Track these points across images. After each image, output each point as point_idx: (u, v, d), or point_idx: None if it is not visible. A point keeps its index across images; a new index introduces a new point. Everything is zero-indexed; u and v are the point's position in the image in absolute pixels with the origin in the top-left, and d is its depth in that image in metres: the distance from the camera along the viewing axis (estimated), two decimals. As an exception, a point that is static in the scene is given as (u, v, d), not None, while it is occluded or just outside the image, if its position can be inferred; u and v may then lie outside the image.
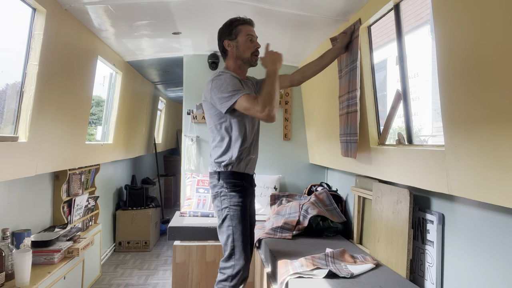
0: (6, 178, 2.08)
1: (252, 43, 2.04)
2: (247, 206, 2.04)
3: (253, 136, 2.08)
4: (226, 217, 1.97)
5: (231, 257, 1.95)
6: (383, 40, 5.38)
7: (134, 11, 2.46)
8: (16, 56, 2.14)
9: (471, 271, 1.63)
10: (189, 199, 3.46)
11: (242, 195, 2.01)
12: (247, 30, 2.03)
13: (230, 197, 1.98)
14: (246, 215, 2.02)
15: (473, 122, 1.36)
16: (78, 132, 2.91)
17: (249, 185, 2.11)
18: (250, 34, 2.04)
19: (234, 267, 1.93)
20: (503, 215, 1.47)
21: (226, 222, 1.97)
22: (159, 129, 7.17)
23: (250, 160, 2.08)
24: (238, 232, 1.95)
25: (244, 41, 2.02)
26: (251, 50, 2.04)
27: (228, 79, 1.93)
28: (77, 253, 2.60)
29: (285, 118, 3.82)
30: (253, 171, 2.15)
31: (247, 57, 2.04)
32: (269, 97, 1.84)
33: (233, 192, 1.99)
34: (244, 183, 2.04)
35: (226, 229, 1.97)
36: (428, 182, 1.73)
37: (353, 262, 2.12)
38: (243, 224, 1.98)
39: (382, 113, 2.33)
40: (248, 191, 2.07)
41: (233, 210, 1.97)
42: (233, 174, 2.01)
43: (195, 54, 3.70)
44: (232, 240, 1.95)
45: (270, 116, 1.83)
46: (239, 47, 2.03)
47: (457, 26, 1.39)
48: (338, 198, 3.13)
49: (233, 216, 1.96)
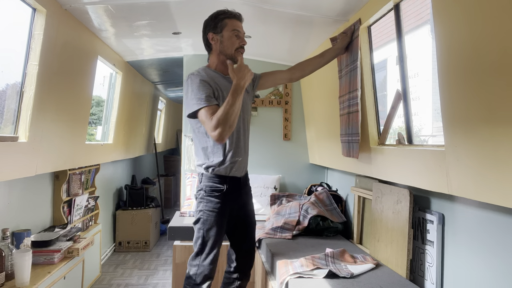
0: (6, 178, 2.08)
1: (238, 39, 1.94)
2: (224, 212, 1.97)
3: (238, 137, 1.99)
4: (199, 220, 1.96)
5: (197, 256, 1.96)
6: (383, 40, 5.39)
7: (134, 11, 2.46)
8: (16, 56, 2.14)
9: (471, 271, 1.63)
10: (189, 199, 3.46)
11: (220, 201, 1.95)
12: (233, 25, 1.93)
13: (206, 202, 1.95)
14: (221, 221, 1.96)
15: (473, 122, 1.36)
16: (78, 132, 2.91)
17: (234, 189, 2.01)
18: (237, 29, 1.94)
19: (199, 267, 1.94)
20: (503, 215, 1.47)
21: (198, 224, 1.96)
22: (159, 129, 7.18)
23: (236, 162, 1.99)
24: (207, 236, 1.93)
25: (230, 36, 1.93)
26: (235, 46, 1.93)
27: (195, 86, 1.85)
28: (77, 253, 2.60)
29: (285, 118, 3.82)
30: (242, 173, 2.06)
31: (230, 53, 1.94)
32: (225, 117, 1.73)
33: (210, 197, 1.95)
34: (226, 187, 1.96)
35: (197, 231, 1.96)
36: (428, 182, 1.73)
37: (353, 262, 2.12)
38: (215, 230, 1.94)
39: (382, 113, 2.33)
40: (229, 196, 1.98)
41: (206, 214, 1.94)
42: (214, 178, 1.96)
43: (195, 54, 3.69)
44: (200, 243, 1.94)
45: (220, 138, 1.75)
46: (223, 41, 1.93)
47: (457, 26, 1.39)
48: (338, 198, 3.13)
49: (205, 221, 1.94)
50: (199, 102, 1.81)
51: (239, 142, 2.00)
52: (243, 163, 2.05)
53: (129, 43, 3.23)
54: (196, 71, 1.96)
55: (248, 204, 2.17)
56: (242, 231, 2.15)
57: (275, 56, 3.51)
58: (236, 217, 2.09)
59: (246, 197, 2.15)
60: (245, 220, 2.15)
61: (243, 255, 2.16)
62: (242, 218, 2.13)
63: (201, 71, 1.96)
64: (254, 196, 3.48)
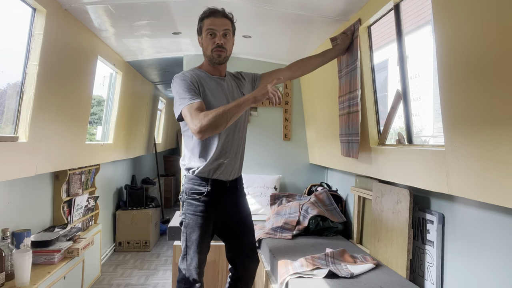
0: (6, 178, 2.08)
1: (212, 39, 1.85)
2: (207, 215, 1.90)
3: (226, 140, 1.92)
4: (182, 223, 1.94)
5: (183, 259, 1.93)
6: (384, 40, 5.38)
7: (134, 11, 2.46)
8: (16, 56, 2.14)
9: (471, 271, 1.63)
10: (189, 199, 3.46)
11: (201, 204, 1.89)
12: (208, 24, 1.85)
13: (187, 205, 1.92)
14: (204, 225, 1.90)
15: (473, 122, 1.36)
16: (78, 132, 2.91)
17: (220, 193, 1.94)
18: (210, 27, 1.84)
19: (186, 271, 1.91)
20: (503, 215, 1.47)
21: (182, 227, 1.94)
22: (159, 129, 7.18)
23: (221, 165, 1.91)
24: (190, 240, 1.89)
25: (205, 37, 1.87)
26: (210, 46, 1.86)
27: (178, 87, 1.82)
28: (77, 253, 2.60)
29: (285, 118, 3.82)
30: (230, 177, 1.97)
31: (208, 55, 1.89)
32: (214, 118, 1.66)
33: (191, 200, 1.91)
34: (208, 190, 1.90)
35: (182, 233, 1.94)
36: (428, 182, 1.73)
37: (353, 262, 2.12)
38: (197, 233, 1.89)
39: (383, 113, 2.33)
40: (211, 199, 1.91)
41: (188, 218, 1.91)
42: (195, 180, 1.91)
43: (195, 54, 3.69)
44: (185, 246, 1.92)
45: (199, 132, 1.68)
46: (203, 43, 1.90)
47: (457, 26, 1.39)
48: (338, 198, 3.13)
49: (188, 224, 1.91)
50: (182, 102, 1.77)
51: (226, 144, 1.92)
52: (231, 166, 1.96)
53: (129, 43, 3.23)
54: (181, 73, 1.91)
55: (240, 210, 2.07)
56: (235, 235, 2.07)
57: (275, 56, 3.51)
58: (228, 223, 2.03)
59: (237, 202, 2.06)
60: (238, 224, 2.06)
61: (240, 260, 2.09)
62: (234, 224, 2.05)
63: (185, 72, 1.91)
64: (254, 196, 3.49)
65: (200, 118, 1.69)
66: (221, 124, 1.70)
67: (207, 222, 1.92)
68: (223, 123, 1.70)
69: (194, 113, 1.72)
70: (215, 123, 1.68)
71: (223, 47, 1.86)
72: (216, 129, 1.70)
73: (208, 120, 1.67)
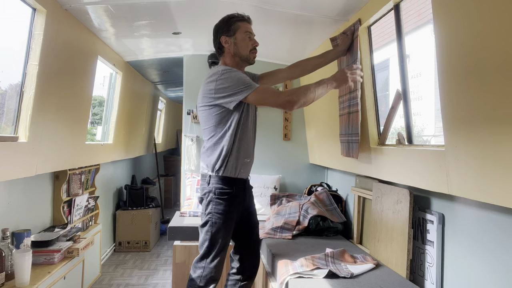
0: (6, 178, 2.08)
1: (251, 41, 2.01)
2: (232, 215, 1.98)
3: (249, 140, 2.04)
4: (207, 223, 1.95)
5: (203, 259, 1.96)
6: (385, 40, 5.37)
7: (134, 11, 2.46)
8: (15, 56, 2.14)
9: (471, 271, 1.63)
10: (189, 199, 3.46)
11: (228, 203, 1.95)
12: (245, 27, 1.99)
13: (215, 204, 1.94)
14: (229, 223, 1.97)
15: (473, 122, 1.36)
16: (78, 132, 2.91)
17: (241, 191, 2.03)
18: (249, 31, 2.00)
19: (204, 269, 1.94)
20: (503, 215, 1.47)
21: (206, 227, 1.95)
22: (159, 129, 7.17)
23: (245, 164, 2.02)
24: (216, 239, 1.94)
25: (243, 39, 1.98)
26: (249, 47, 2.00)
27: (234, 74, 1.89)
28: (77, 253, 2.60)
29: (285, 118, 3.82)
30: (248, 175, 2.10)
31: (245, 55, 2.00)
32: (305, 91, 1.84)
33: (219, 199, 1.94)
34: (235, 189, 1.97)
35: (204, 233, 1.96)
36: (428, 182, 1.73)
37: (353, 262, 2.12)
38: (223, 232, 1.95)
39: (384, 113, 2.32)
40: (237, 198, 1.99)
41: (215, 217, 1.94)
42: (224, 180, 1.95)
43: (195, 54, 3.69)
44: (207, 245, 1.94)
45: (289, 104, 1.84)
46: (237, 44, 1.98)
47: (457, 26, 1.39)
48: (338, 198, 3.13)
49: (214, 224, 1.93)
50: (248, 87, 1.85)
51: (249, 144, 2.04)
52: (251, 164, 2.10)
53: (129, 43, 3.23)
54: (225, 69, 1.93)
55: (251, 205, 2.19)
56: (246, 232, 2.15)
57: (275, 56, 3.51)
58: (241, 218, 2.09)
59: (250, 198, 2.17)
60: (250, 221, 2.16)
61: (248, 256, 2.16)
62: (246, 219, 2.14)
63: (230, 68, 1.96)
64: (254, 196, 3.48)
65: (288, 92, 1.87)
66: (310, 100, 1.87)
67: (232, 221, 1.99)
68: (310, 101, 1.87)
69: (275, 90, 1.91)
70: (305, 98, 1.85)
71: (256, 49, 2.05)
72: (305, 104, 1.86)
73: (298, 94, 1.84)
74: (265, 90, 1.89)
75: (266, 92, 1.88)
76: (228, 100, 1.87)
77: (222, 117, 1.93)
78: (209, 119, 1.96)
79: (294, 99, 1.83)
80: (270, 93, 1.89)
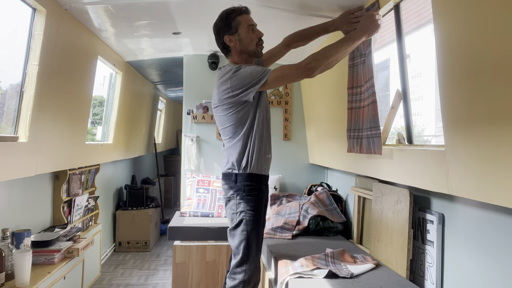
0: (6, 178, 2.08)
1: (255, 33, 1.92)
2: (262, 210, 1.95)
3: (269, 135, 1.99)
4: (241, 222, 1.87)
5: (243, 263, 1.86)
6: (386, 39, 5.37)
7: (134, 11, 2.46)
8: (15, 56, 2.14)
9: (471, 271, 1.63)
10: (189, 199, 3.46)
11: (258, 199, 1.91)
12: (246, 20, 1.90)
13: (247, 201, 1.88)
14: (261, 220, 1.93)
15: (473, 122, 1.36)
16: (78, 132, 2.91)
17: (266, 187, 2.00)
18: (251, 23, 1.91)
19: (246, 273, 1.85)
20: (503, 215, 1.47)
21: (240, 226, 1.87)
22: (159, 129, 7.17)
23: (267, 160, 1.98)
24: (252, 237, 1.86)
25: (246, 33, 1.90)
26: (255, 41, 1.91)
27: (248, 67, 1.84)
28: (77, 253, 2.60)
29: (285, 118, 3.82)
30: (268, 171, 2.04)
31: (252, 49, 1.92)
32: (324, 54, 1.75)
33: (250, 196, 1.88)
34: (262, 185, 1.94)
35: (239, 234, 1.87)
36: (428, 182, 1.73)
37: (353, 262, 2.12)
38: (258, 230, 1.89)
39: (385, 112, 2.31)
40: (264, 194, 1.97)
41: (249, 215, 1.87)
42: (251, 177, 1.90)
43: (195, 54, 3.70)
44: (245, 246, 1.85)
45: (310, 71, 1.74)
46: (242, 40, 1.90)
47: (457, 26, 1.39)
48: (338, 198, 3.13)
49: (249, 221, 1.86)
50: (264, 74, 1.80)
51: (269, 140, 2.00)
52: (270, 161, 2.05)
53: (129, 43, 3.23)
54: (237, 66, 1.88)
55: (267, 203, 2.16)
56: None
57: (275, 56, 3.51)
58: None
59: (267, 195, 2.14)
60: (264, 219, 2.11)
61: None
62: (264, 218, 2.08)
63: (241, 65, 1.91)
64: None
65: (306, 60, 1.76)
66: (333, 61, 1.78)
67: (262, 217, 1.95)
68: (334, 62, 1.78)
69: (290, 64, 1.80)
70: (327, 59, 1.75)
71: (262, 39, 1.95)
72: (326, 67, 1.77)
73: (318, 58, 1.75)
74: (281, 67, 1.81)
75: (283, 68, 1.80)
76: (248, 91, 1.82)
77: (242, 114, 1.87)
78: (228, 118, 1.90)
79: (314, 65, 1.74)
80: (287, 67, 1.80)
